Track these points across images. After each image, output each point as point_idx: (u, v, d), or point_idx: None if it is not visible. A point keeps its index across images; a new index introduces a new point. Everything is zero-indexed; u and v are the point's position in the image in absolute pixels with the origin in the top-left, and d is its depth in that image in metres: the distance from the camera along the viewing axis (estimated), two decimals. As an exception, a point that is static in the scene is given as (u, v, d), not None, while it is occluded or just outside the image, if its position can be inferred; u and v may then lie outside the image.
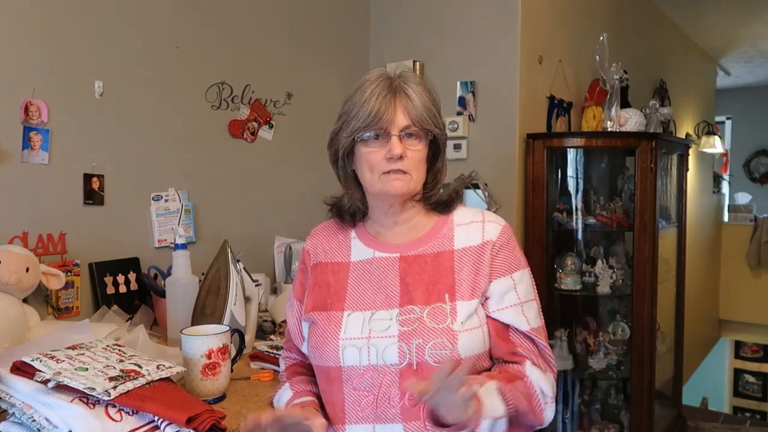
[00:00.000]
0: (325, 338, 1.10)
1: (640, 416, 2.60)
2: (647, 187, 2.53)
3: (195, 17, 2.07)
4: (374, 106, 1.08)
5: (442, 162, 1.19)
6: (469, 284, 1.09)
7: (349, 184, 1.19)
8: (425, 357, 1.04)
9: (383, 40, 2.80)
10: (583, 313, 2.83)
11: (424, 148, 1.12)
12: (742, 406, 6.99)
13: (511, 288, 1.11)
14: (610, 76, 2.63)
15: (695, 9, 4.39)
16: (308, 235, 1.29)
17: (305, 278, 1.24)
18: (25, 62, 1.63)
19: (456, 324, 1.05)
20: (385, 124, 1.09)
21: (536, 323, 1.12)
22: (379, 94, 1.09)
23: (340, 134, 1.14)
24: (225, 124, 2.19)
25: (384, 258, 1.15)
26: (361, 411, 1.07)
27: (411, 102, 1.09)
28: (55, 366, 1.04)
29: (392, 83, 1.11)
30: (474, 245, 1.13)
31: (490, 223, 1.16)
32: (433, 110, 1.12)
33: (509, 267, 1.12)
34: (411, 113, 1.09)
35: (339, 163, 1.18)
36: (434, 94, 1.15)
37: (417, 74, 1.16)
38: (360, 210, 1.20)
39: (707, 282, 5.84)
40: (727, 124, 7.75)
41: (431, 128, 1.11)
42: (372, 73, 1.13)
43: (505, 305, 1.10)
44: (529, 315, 1.11)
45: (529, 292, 1.14)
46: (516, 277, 1.12)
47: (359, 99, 1.10)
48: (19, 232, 1.62)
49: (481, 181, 2.52)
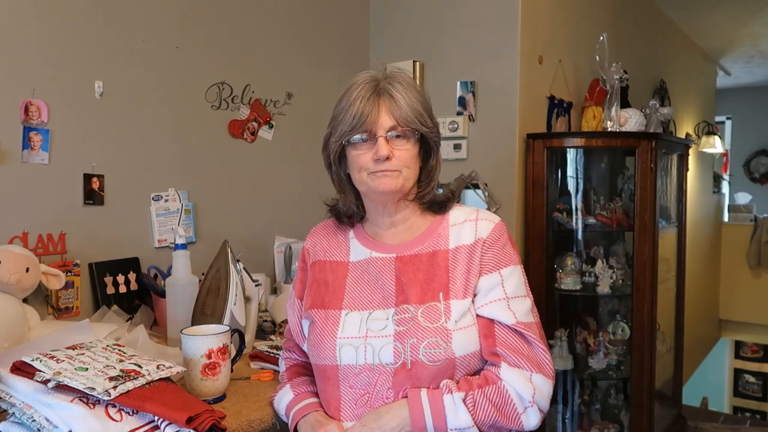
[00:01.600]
0: (322, 337, 1.11)
1: (640, 416, 2.60)
2: (647, 187, 2.53)
3: (195, 17, 2.07)
4: (358, 109, 1.09)
5: (435, 160, 1.19)
6: (462, 282, 1.09)
7: (344, 187, 1.20)
8: (419, 356, 1.04)
9: (383, 40, 2.80)
10: (583, 313, 2.83)
11: (412, 147, 1.12)
12: (742, 406, 6.99)
13: (498, 284, 1.10)
14: (610, 76, 2.63)
15: (695, 9, 4.38)
16: (308, 233, 1.30)
17: (305, 276, 1.25)
18: (25, 62, 1.63)
19: (450, 323, 1.06)
20: (370, 125, 1.09)
21: (527, 318, 1.09)
22: (364, 96, 1.10)
23: (331, 139, 1.15)
24: (225, 124, 2.19)
25: (380, 258, 1.16)
26: (357, 408, 1.08)
27: (395, 103, 1.10)
28: (55, 366, 1.04)
29: (377, 85, 1.11)
30: (467, 244, 1.13)
31: (482, 222, 1.16)
32: (420, 110, 1.12)
33: (498, 263, 1.12)
34: (395, 113, 1.09)
35: (332, 168, 1.19)
36: (423, 93, 1.15)
37: (406, 74, 1.16)
38: (356, 213, 1.21)
39: (707, 282, 5.84)
40: (727, 124, 7.75)
41: (418, 127, 1.11)
42: (359, 76, 1.14)
43: (490, 300, 1.09)
44: (516, 309, 1.09)
45: (519, 288, 1.12)
46: (504, 273, 1.11)
47: (345, 103, 1.12)
48: (19, 232, 1.62)
49: (481, 181, 2.52)
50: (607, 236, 2.85)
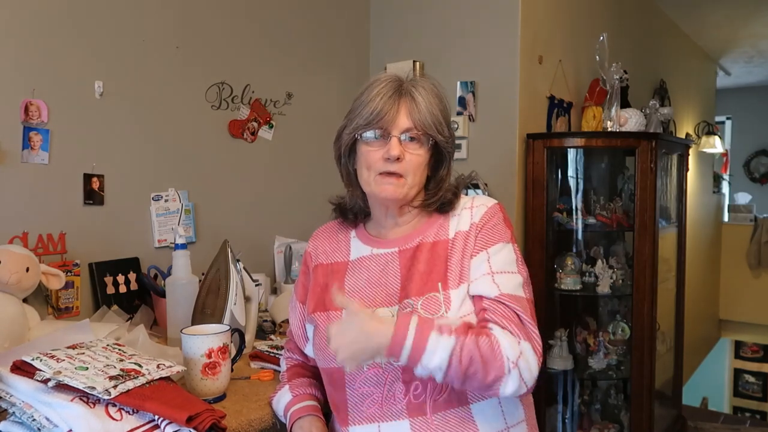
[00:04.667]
0: (326, 340, 1.10)
1: (640, 416, 2.60)
2: (647, 187, 2.53)
3: (195, 17, 2.07)
4: (378, 105, 1.08)
5: (446, 170, 1.18)
6: (458, 270, 1.08)
7: (351, 181, 1.19)
8: None
9: (383, 40, 2.80)
10: (583, 313, 2.83)
11: (425, 153, 1.12)
12: (742, 406, 6.99)
13: (485, 260, 1.07)
14: (610, 76, 2.63)
15: (695, 9, 4.38)
16: (310, 236, 1.29)
17: (307, 280, 1.25)
18: (25, 62, 1.63)
19: (451, 312, 1.04)
20: (386, 124, 1.09)
21: (515, 292, 1.04)
22: (385, 94, 1.09)
23: (345, 131, 1.14)
24: (225, 124, 2.19)
25: (383, 254, 1.15)
26: (366, 410, 1.07)
27: (416, 105, 1.09)
28: (56, 365, 1.04)
29: (401, 86, 1.11)
30: (464, 231, 1.12)
31: (477, 207, 1.15)
32: (439, 117, 1.11)
33: (486, 242, 1.09)
34: (414, 116, 1.09)
35: (342, 161, 1.18)
36: (445, 102, 1.14)
37: (433, 81, 1.14)
38: (362, 210, 1.21)
39: (707, 282, 5.84)
40: (727, 124, 7.75)
41: (434, 134, 1.10)
42: (384, 74, 1.14)
43: (476, 276, 1.07)
44: (501, 283, 1.04)
45: (507, 264, 1.08)
46: (492, 251, 1.08)
47: (365, 98, 1.11)
48: (19, 232, 1.62)
49: (481, 181, 2.52)
50: (607, 236, 2.85)
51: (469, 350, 0.95)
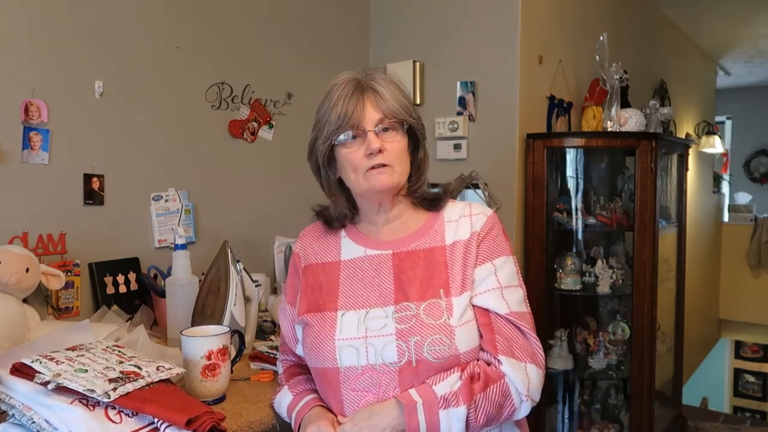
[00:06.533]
0: (320, 339, 1.10)
1: (640, 416, 2.60)
2: (647, 187, 2.53)
3: (195, 17, 2.07)
4: (343, 107, 1.10)
5: (423, 153, 1.20)
6: (460, 278, 1.10)
7: (334, 191, 1.20)
8: (424, 354, 1.04)
9: (383, 40, 2.80)
10: (583, 313, 2.83)
11: (402, 139, 1.13)
12: (742, 406, 6.99)
13: (492, 273, 1.11)
14: (610, 76, 2.63)
15: (695, 9, 4.38)
16: (297, 237, 1.30)
17: (296, 281, 1.24)
18: (25, 62, 1.63)
19: (453, 319, 1.06)
20: (357, 121, 1.10)
21: (519, 308, 1.11)
22: (347, 95, 1.11)
23: (317, 143, 1.16)
24: (225, 124, 2.18)
25: (376, 255, 1.16)
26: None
27: (380, 96, 1.11)
28: (55, 368, 1.04)
29: (359, 83, 1.12)
30: (464, 239, 1.13)
31: (476, 216, 1.16)
32: (405, 102, 1.13)
33: (490, 253, 1.12)
34: (381, 106, 1.10)
35: (321, 172, 1.19)
36: (404, 87, 1.16)
37: (386, 73, 1.17)
38: (348, 215, 1.21)
39: (707, 282, 5.84)
40: (727, 124, 7.75)
41: (405, 118, 1.12)
42: (337, 78, 1.15)
43: (485, 289, 1.10)
44: (509, 299, 1.10)
45: (511, 278, 1.13)
46: (497, 263, 1.12)
47: (328, 105, 1.13)
48: (19, 232, 1.62)
49: (481, 181, 2.52)
50: (607, 236, 2.85)
51: (484, 408, 1.02)
